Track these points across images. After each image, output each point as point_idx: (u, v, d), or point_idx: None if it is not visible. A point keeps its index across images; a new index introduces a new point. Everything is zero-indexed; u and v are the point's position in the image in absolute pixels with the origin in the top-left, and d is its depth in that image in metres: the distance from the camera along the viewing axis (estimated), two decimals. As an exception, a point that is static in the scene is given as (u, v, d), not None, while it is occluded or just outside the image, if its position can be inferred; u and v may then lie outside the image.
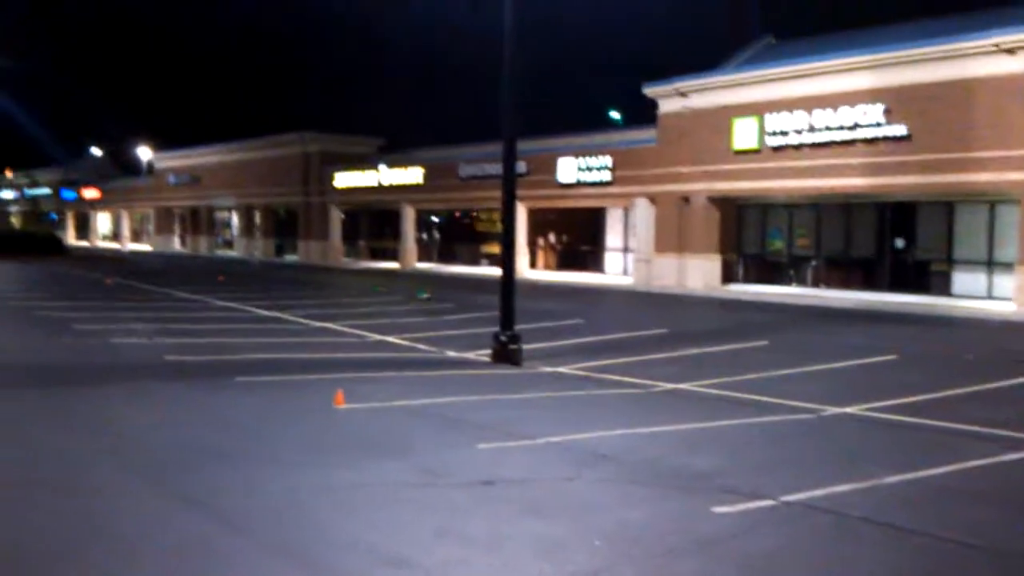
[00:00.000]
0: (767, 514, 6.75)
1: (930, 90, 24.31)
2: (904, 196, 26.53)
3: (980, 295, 25.14)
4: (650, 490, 7.34)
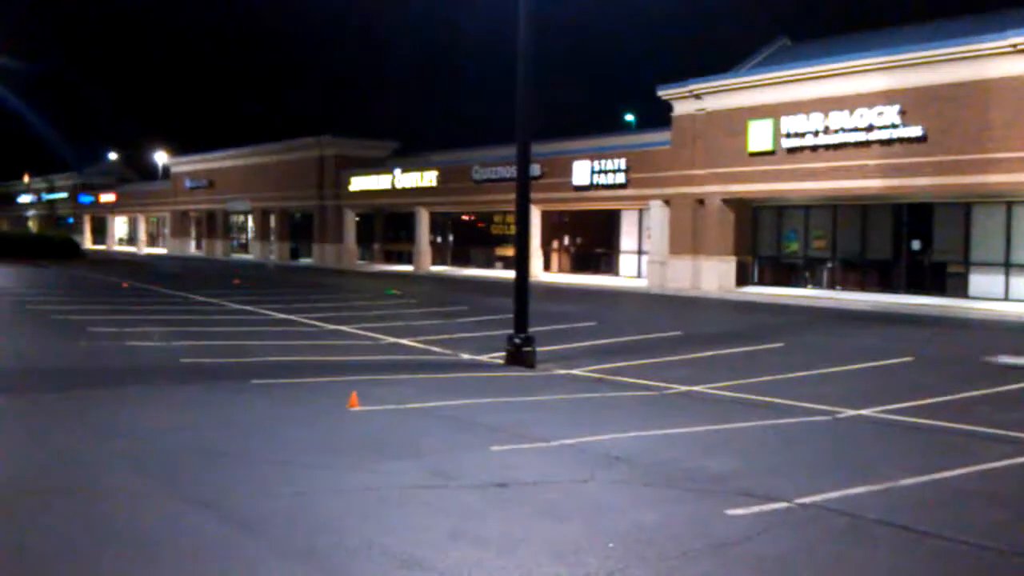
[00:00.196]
0: (782, 516, 6.73)
1: (946, 91, 24.19)
2: (920, 197, 26.42)
3: (997, 297, 24.99)
4: (664, 492, 7.33)
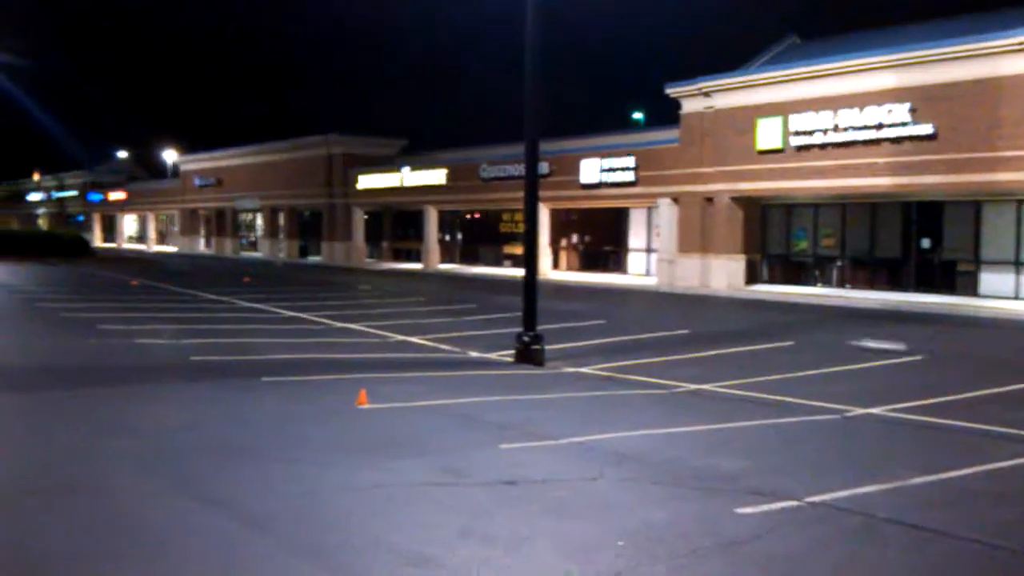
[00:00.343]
0: (791, 515, 6.72)
1: (956, 89, 24.08)
2: (930, 195, 26.31)
3: (1007, 295, 24.87)
4: (673, 490, 7.32)
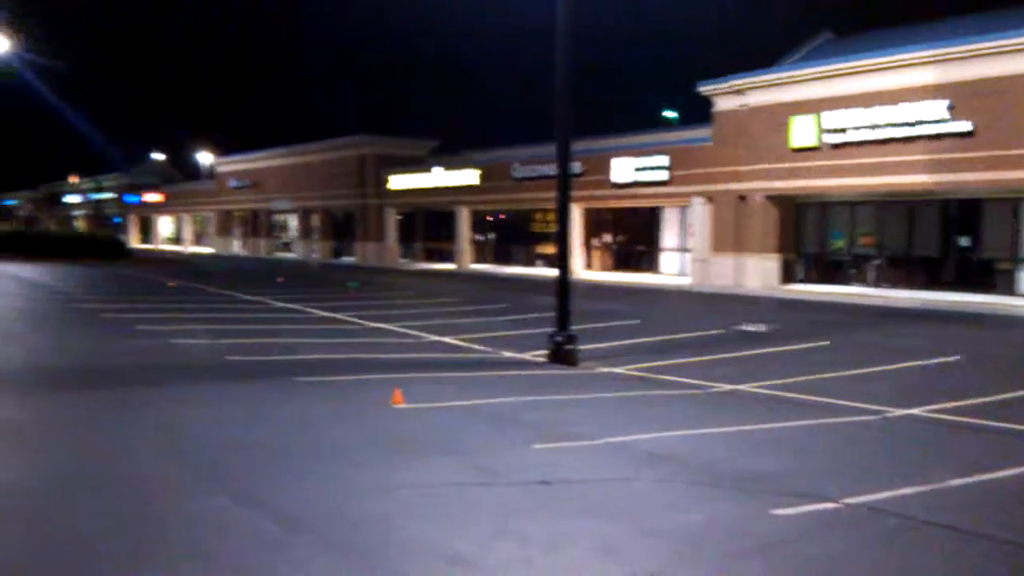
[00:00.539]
0: (829, 517, 6.65)
1: (996, 85, 23.74)
2: (968, 193, 25.95)
3: (1048, 294, 24.51)
4: (710, 491, 7.28)
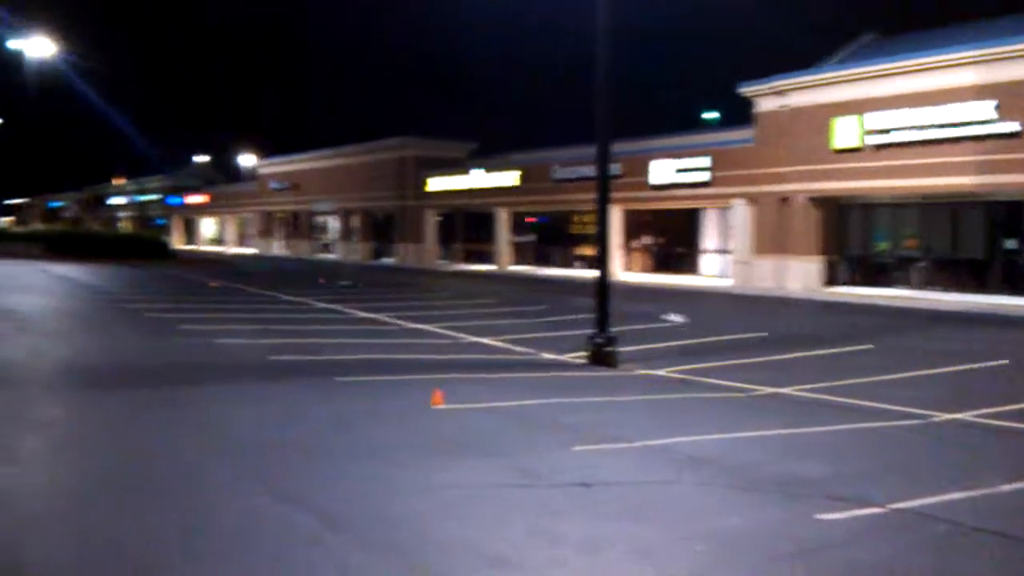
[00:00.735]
0: (875, 522, 6.54)
1: (1045, 84, 23.31)
2: (1015, 195, 25.47)
3: (1099, 298, 23.98)
4: (751, 495, 7.20)
